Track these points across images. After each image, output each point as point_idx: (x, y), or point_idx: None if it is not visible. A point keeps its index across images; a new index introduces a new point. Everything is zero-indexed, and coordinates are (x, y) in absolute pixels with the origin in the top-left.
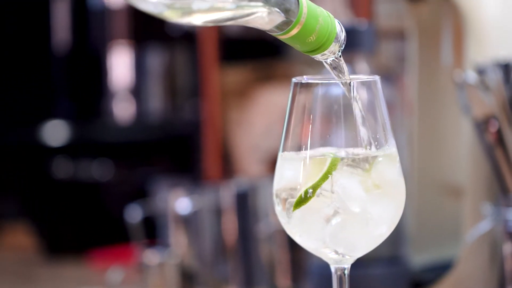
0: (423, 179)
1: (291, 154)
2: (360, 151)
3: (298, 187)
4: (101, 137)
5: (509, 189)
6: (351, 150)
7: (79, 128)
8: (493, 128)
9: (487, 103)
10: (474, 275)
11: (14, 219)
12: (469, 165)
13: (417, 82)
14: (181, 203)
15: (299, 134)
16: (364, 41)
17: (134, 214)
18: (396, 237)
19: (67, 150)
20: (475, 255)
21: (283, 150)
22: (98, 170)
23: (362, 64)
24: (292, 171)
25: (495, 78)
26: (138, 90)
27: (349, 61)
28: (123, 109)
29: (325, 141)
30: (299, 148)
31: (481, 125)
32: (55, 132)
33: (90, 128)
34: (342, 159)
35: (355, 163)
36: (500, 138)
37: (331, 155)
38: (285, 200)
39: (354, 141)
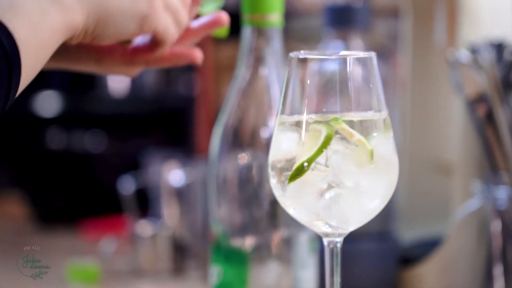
0: (414, 156)
1: (287, 127)
2: (355, 116)
3: (294, 160)
4: (95, 109)
5: (498, 167)
6: (347, 116)
7: (73, 99)
8: (484, 107)
9: (479, 82)
10: (462, 252)
11: (7, 189)
12: (460, 143)
13: (411, 60)
14: (174, 175)
15: (295, 108)
16: (358, 18)
17: (127, 185)
18: (387, 213)
19: (61, 121)
20: (464, 232)
21: (279, 124)
22: (92, 142)
23: (356, 41)
24: (288, 144)
25: (488, 57)
26: None
27: (343, 38)
28: (117, 82)
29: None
30: (295, 122)
31: (473, 104)
32: (49, 103)
33: (84, 99)
34: (336, 133)
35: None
36: (491, 116)
37: (329, 121)
38: (281, 172)
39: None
